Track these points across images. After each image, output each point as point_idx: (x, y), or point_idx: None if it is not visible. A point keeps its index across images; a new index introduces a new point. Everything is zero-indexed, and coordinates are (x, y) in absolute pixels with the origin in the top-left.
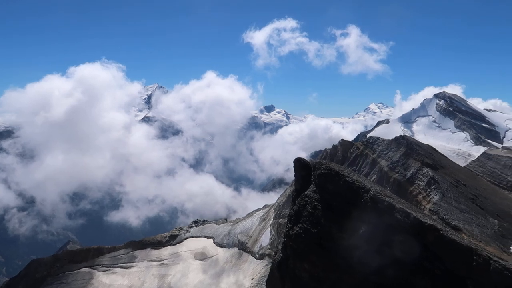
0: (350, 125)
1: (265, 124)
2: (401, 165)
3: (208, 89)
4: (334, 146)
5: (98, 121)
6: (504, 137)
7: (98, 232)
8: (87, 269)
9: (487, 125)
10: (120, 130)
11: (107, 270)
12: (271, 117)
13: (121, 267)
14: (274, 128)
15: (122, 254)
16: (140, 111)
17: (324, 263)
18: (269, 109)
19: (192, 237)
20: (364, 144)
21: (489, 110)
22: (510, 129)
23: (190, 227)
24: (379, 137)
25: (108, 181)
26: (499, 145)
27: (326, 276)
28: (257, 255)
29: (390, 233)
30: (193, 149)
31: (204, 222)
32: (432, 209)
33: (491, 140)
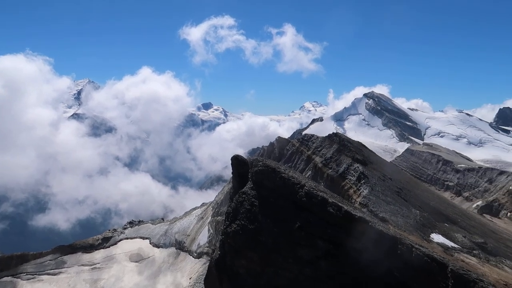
0: (286, 123)
1: (203, 121)
2: (334, 161)
3: (143, 85)
4: (271, 144)
5: (22, 118)
6: (424, 134)
7: (22, 237)
8: (9, 278)
9: (410, 123)
10: (47, 127)
11: (32, 278)
12: (209, 114)
13: (48, 274)
14: (212, 125)
15: (50, 260)
16: (69, 107)
17: (261, 259)
18: (206, 106)
19: (127, 238)
20: (300, 141)
21: (412, 109)
22: (430, 127)
23: (125, 228)
24: (313, 135)
25: (32, 182)
26: (421, 142)
27: (263, 271)
28: (195, 254)
29: (323, 227)
30: (128, 147)
31: (140, 222)
32: (362, 202)
33: (414, 137)
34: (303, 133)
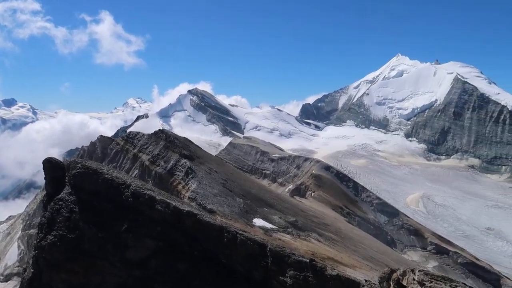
0: (109, 120)
1: (5, 120)
2: (161, 158)
3: None
4: (93, 143)
5: None
6: (244, 128)
7: None
8: None
9: (231, 118)
10: None
11: None
12: (13, 112)
13: None
14: (17, 125)
15: None
16: None
17: (85, 269)
18: (9, 103)
19: None
20: (125, 140)
21: (233, 105)
22: (248, 122)
23: None
24: (139, 132)
25: None
26: (241, 135)
27: (88, 281)
28: (2, 277)
29: (152, 225)
30: None
31: None
32: (191, 196)
33: (235, 131)
34: (128, 130)
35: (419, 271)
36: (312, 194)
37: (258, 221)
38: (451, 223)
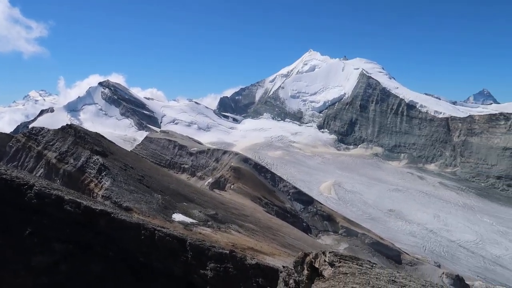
0: (7, 115)
1: None
2: (70, 155)
3: None
4: None
5: None
6: (161, 122)
7: None
8: None
9: (147, 112)
10: None
11: None
12: None
13: None
14: None
15: None
16: None
17: None
18: None
19: None
20: (27, 136)
21: (148, 99)
22: (165, 115)
23: None
24: (43, 127)
25: None
26: (158, 129)
27: None
28: None
29: (61, 227)
30: None
31: None
32: (105, 194)
33: (152, 125)
34: (30, 126)
35: (329, 253)
36: (232, 186)
37: (178, 216)
38: (359, 207)
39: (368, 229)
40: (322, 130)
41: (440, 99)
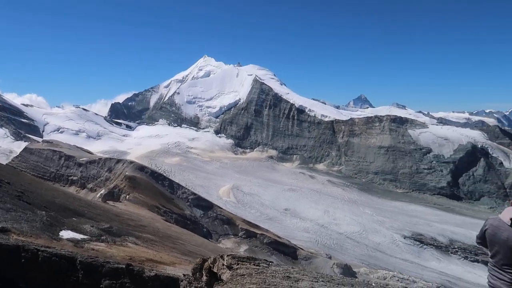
0: None
1: None
2: None
3: None
4: None
5: None
6: (43, 131)
7: None
8: None
9: (26, 120)
10: None
11: None
12: None
13: None
14: None
15: None
16: None
17: None
18: None
19: None
20: None
21: (27, 105)
22: (48, 123)
23: None
24: None
25: None
26: (40, 139)
27: None
28: None
29: None
30: None
31: None
32: None
33: (32, 135)
34: None
35: (227, 256)
36: (127, 196)
37: (66, 233)
38: (257, 209)
39: (266, 229)
40: (219, 135)
41: (325, 103)
